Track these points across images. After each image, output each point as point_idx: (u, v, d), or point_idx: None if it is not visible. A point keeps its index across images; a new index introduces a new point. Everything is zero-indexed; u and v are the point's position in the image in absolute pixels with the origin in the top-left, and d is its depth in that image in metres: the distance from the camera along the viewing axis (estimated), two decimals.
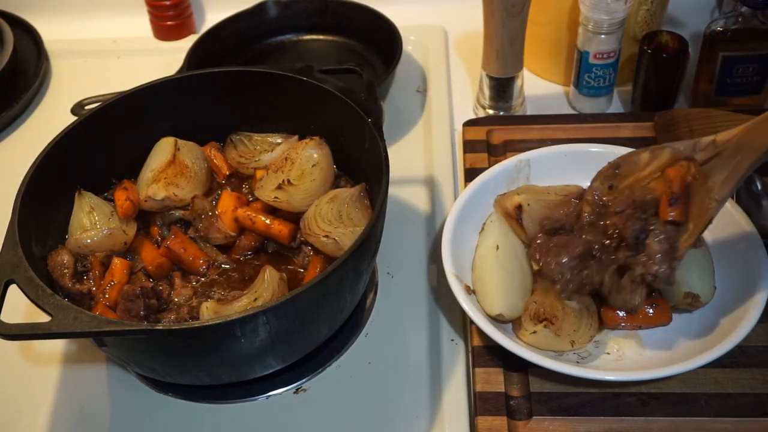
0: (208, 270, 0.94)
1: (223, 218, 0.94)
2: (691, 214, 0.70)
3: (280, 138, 1.04)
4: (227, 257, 0.95)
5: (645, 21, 1.21)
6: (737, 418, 0.82)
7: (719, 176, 0.68)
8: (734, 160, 0.67)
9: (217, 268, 0.94)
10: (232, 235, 0.95)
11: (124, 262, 0.92)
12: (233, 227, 0.95)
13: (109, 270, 0.91)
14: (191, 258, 0.93)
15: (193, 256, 0.94)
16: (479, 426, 0.83)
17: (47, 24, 1.46)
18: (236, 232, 0.95)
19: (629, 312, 0.86)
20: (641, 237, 0.80)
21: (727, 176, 0.68)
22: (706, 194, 0.68)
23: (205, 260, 0.94)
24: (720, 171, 0.68)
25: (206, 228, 0.95)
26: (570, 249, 0.83)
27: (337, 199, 0.93)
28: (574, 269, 0.83)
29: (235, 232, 0.95)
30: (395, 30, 1.29)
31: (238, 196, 0.98)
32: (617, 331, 0.90)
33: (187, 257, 0.93)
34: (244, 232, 0.96)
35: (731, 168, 0.67)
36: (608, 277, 0.83)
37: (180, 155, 1.00)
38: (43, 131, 1.06)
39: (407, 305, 0.98)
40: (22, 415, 0.90)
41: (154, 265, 0.93)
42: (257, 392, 0.90)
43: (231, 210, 0.95)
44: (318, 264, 0.93)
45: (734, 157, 0.67)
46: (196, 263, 0.94)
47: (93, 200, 0.95)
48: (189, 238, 0.95)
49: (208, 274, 0.94)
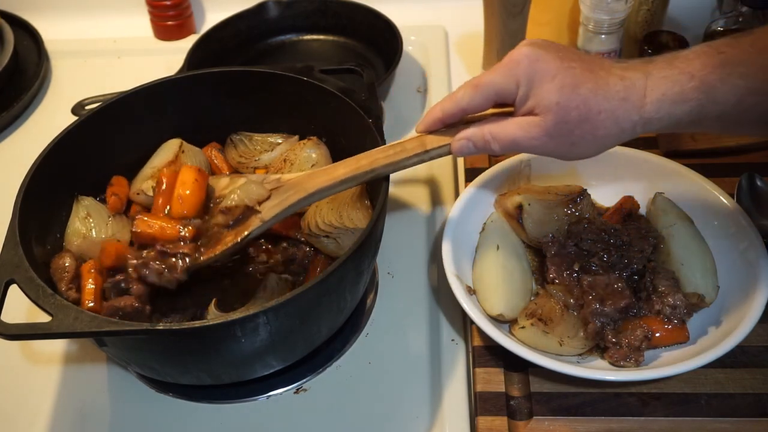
0: (185, 230, 0.86)
1: (184, 199, 0.87)
2: (238, 228, 0.85)
3: (280, 138, 1.04)
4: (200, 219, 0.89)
5: (645, 21, 1.21)
6: (738, 418, 0.82)
7: (272, 203, 0.85)
8: (287, 194, 0.85)
9: (195, 227, 0.87)
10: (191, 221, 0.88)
11: (89, 263, 0.89)
12: (195, 204, 0.87)
13: (81, 277, 0.88)
14: (163, 230, 0.86)
15: (162, 227, 0.86)
16: (479, 426, 0.83)
17: (47, 24, 1.46)
18: (198, 214, 0.88)
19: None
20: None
21: (277, 204, 0.85)
22: (256, 214, 0.85)
23: (176, 225, 0.86)
24: (274, 200, 0.85)
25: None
26: (616, 301, 0.86)
27: (337, 199, 0.93)
28: (612, 320, 0.86)
29: (195, 214, 0.88)
30: (395, 30, 1.29)
31: (199, 168, 0.90)
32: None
33: (159, 232, 0.86)
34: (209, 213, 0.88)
35: (282, 199, 0.85)
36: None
37: (183, 157, 0.99)
38: (43, 131, 1.06)
39: (407, 305, 0.98)
40: (22, 415, 0.90)
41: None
42: (257, 392, 0.90)
43: (191, 182, 0.88)
44: (318, 264, 0.93)
45: (288, 191, 0.85)
46: (172, 232, 0.86)
47: (90, 205, 0.95)
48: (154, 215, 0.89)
49: (186, 236, 0.86)
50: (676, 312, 0.86)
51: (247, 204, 0.85)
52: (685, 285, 0.89)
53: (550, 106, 0.75)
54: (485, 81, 0.79)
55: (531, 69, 0.76)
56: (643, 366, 0.83)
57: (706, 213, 0.95)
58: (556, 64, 0.76)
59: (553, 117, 0.76)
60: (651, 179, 1.00)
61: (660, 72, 0.75)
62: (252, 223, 0.84)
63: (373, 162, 0.86)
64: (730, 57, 0.73)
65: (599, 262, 0.90)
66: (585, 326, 0.86)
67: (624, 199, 0.99)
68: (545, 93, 0.75)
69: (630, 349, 0.84)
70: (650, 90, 0.75)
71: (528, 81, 0.76)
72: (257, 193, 0.86)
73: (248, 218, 0.85)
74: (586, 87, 0.75)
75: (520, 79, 0.77)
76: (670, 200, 0.97)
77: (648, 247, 0.91)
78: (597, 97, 0.75)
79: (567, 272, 0.91)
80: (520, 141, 0.79)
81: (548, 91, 0.75)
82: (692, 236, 0.93)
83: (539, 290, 0.93)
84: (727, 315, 0.86)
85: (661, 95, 0.74)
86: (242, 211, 0.85)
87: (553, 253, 0.92)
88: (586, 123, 0.75)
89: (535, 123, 0.77)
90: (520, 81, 0.77)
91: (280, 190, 0.86)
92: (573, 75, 0.75)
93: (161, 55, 1.41)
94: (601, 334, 0.85)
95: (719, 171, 1.01)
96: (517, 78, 0.77)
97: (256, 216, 0.85)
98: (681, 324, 0.86)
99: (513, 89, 0.78)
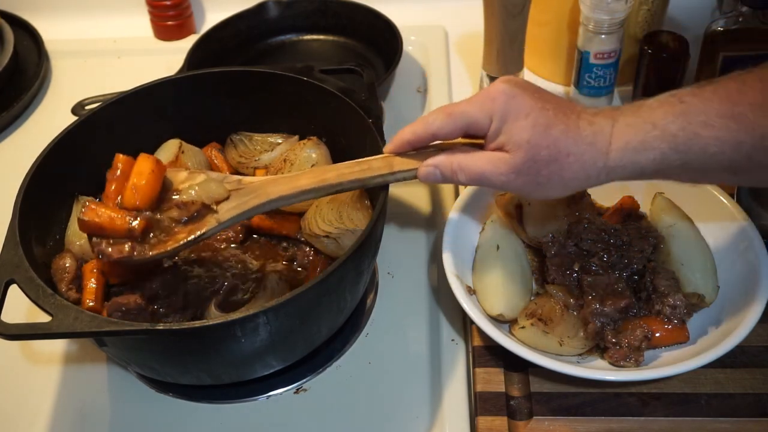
0: (135, 222, 0.81)
1: (138, 189, 0.82)
2: (192, 226, 0.83)
3: (280, 138, 1.04)
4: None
5: (645, 21, 1.21)
6: (738, 418, 0.82)
7: (230, 205, 0.83)
8: (246, 198, 0.84)
9: (145, 219, 0.82)
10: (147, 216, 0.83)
11: (91, 263, 0.89)
12: (150, 195, 0.83)
13: (83, 277, 0.89)
14: (112, 221, 0.81)
15: (112, 218, 0.81)
16: (479, 426, 0.83)
17: (47, 24, 1.46)
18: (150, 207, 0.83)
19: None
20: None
21: (235, 206, 0.83)
22: (213, 214, 0.83)
23: (126, 216, 0.81)
24: (233, 201, 0.84)
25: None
26: (616, 301, 0.86)
27: (338, 199, 0.93)
28: (612, 320, 0.86)
29: (148, 206, 0.83)
30: (395, 30, 1.29)
31: (156, 159, 0.85)
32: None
33: (108, 222, 0.81)
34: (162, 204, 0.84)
35: (240, 202, 0.83)
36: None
37: (183, 158, 0.99)
38: (43, 131, 1.06)
39: (407, 305, 0.98)
40: (22, 415, 0.90)
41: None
42: (257, 392, 0.90)
43: (148, 172, 0.83)
44: (318, 264, 0.93)
45: (248, 195, 0.84)
46: (121, 223, 0.81)
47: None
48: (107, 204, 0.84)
49: (135, 228, 0.81)
50: (676, 312, 0.86)
51: (204, 202, 0.83)
52: (685, 285, 0.89)
53: (521, 144, 0.75)
54: (459, 110, 0.79)
55: (506, 105, 0.76)
56: (643, 366, 0.83)
57: (706, 213, 0.95)
58: (531, 104, 0.76)
59: (523, 155, 0.76)
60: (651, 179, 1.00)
61: (625, 119, 0.75)
62: (207, 222, 0.83)
63: (339, 176, 0.84)
64: (691, 106, 0.73)
65: (599, 262, 0.90)
66: (585, 326, 0.86)
67: (624, 199, 0.99)
68: (517, 130, 0.76)
69: (630, 349, 0.84)
70: (615, 137, 0.75)
71: (501, 116, 0.76)
72: (216, 192, 0.84)
73: (204, 217, 0.83)
74: (557, 128, 0.75)
75: (495, 113, 0.77)
76: (670, 200, 0.97)
77: (648, 247, 0.91)
78: (567, 140, 0.75)
79: (567, 272, 0.91)
80: (488, 175, 0.78)
81: (521, 129, 0.75)
82: (692, 236, 0.93)
83: (539, 290, 0.93)
84: (727, 315, 0.86)
85: (625, 144, 0.75)
86: (198, 208, 0.83)
87: (553, 253, 0.92)
88: (555, 164, 0.76)
89: (505, 159, 0.77)
90: (494, 115, 0.77)
91: (241, 192, 0.84)
92: (546, 116, 0.76)
93: (161, 55, 1.41)
94: (601, 334, 0.85)
95: None
96: (491, 112, 0.77)
97: (213, 215, 0.83)
98: (681, 324, 0.86)
99: (485, 123, 0.78)
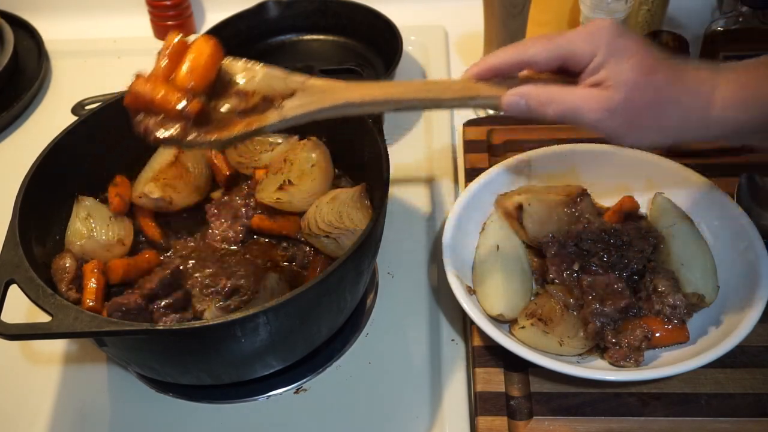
0: (188, 106, 0.74)
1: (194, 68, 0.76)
2: (251, 119, 0.77)
3: (280, 138, 1.04)
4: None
5: (645, 21, 1.21)
6: (738, 418, 0.82)
7: (294, 102, 0.77)
8: (312, 98, 0.77)
9: (199, 100, 0.75)
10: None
11: (92, 263, 0.90)
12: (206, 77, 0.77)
13: (83, 276, 0.89)
14: (165, 96, 0.74)
15: (165, 92, 0.74)
16: (479, 426, 0.83)
17: (47, 24, 1.46)
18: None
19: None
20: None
21: (300, 105, 0.77)
22: (276, 108, 0.77)
23: (180, 96, 0.74)
24: (297, 100, 0.77)
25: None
26: (615, 301, 0.86)
27: (338, 199, 0.93)
28: (612, 320, 0.86)
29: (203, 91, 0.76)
30: (395, 30, 1.29)
31: (216, 43, 0.79)
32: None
33: (159, 98, 0.74)
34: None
35: (306, 102, 0.77)
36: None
37: (183, 158, 0.99)
38: (43, 131, 1.06)
39: (407, 305, 0.98)
40: (22, 415, 0.90)
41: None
42: (257, 392, 0.90)
43: (207, 54, 0.77)
44: (318, 264, 0.93)
45: (313, 95, 0.78)
46: (173, 99, 0.73)
47: (91, 205, 0.95)
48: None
49: (189, 111, 0.74)
50: (676, 312, 0.86)
51: (266, 93, 0.77)
52: (685, 285, 0.89)
53: (623, 83, 0.71)
54: (562, 38, 0.74)
55: (614, 42, 0.72)
56: (643, 366, 0.83)
57: (706, 213, 0.95)
58: (636, 46, 0.73)
59: (623, 95, 0.72)
60: (651, 179, 1.00)
61: (728, 75, 0.73)
62: (269, 117, 0.76)
63: (415, 91, 0.78)
64: None
65: (599, 262, 0.90)
66: (585, 326, 0.86)
67: (624, 199, 0.99)
68: (622, 68, 0.72)
69: (630, 349, 0.84)
70: (719, 91, 0.72)
71: (607, 52, 0.72)
72: (279, 87, 0.77)
73: (264, 111, 0.76)
74: (661, 74, 0.72)
75: (600, 47, 0.73)
76: (670, 200, 0.97)
77: (648, 247, 0.91)
78: (669, 86, 0.72)
79: (567, 272, 0.91)
80: (581, 111, 0.73)
81: (625, 68, 0.72)
82: (692, 236, 0.93)
83: (539, 290, 0.93)
84: (727, 315, 0.86)
85: (730, 98, 0.72)
86: (259, 101, 0.77)
87: (553, 253, 0.92)
88: (654, 109, 0.72)
89: (603, 96, 0.72)
90: (599, 50, 0.73)
91: (306, 92, 0.78)
92: (650, 60, 0.72)
93: None
94: (601, 334, 0.85)
95: (719, 171, 1.01)
96: (596, 46, 0.73)
97: (275, 110, 0.76)
98: (681, 324, 0.86)
99: (588, 56, 0.73)
